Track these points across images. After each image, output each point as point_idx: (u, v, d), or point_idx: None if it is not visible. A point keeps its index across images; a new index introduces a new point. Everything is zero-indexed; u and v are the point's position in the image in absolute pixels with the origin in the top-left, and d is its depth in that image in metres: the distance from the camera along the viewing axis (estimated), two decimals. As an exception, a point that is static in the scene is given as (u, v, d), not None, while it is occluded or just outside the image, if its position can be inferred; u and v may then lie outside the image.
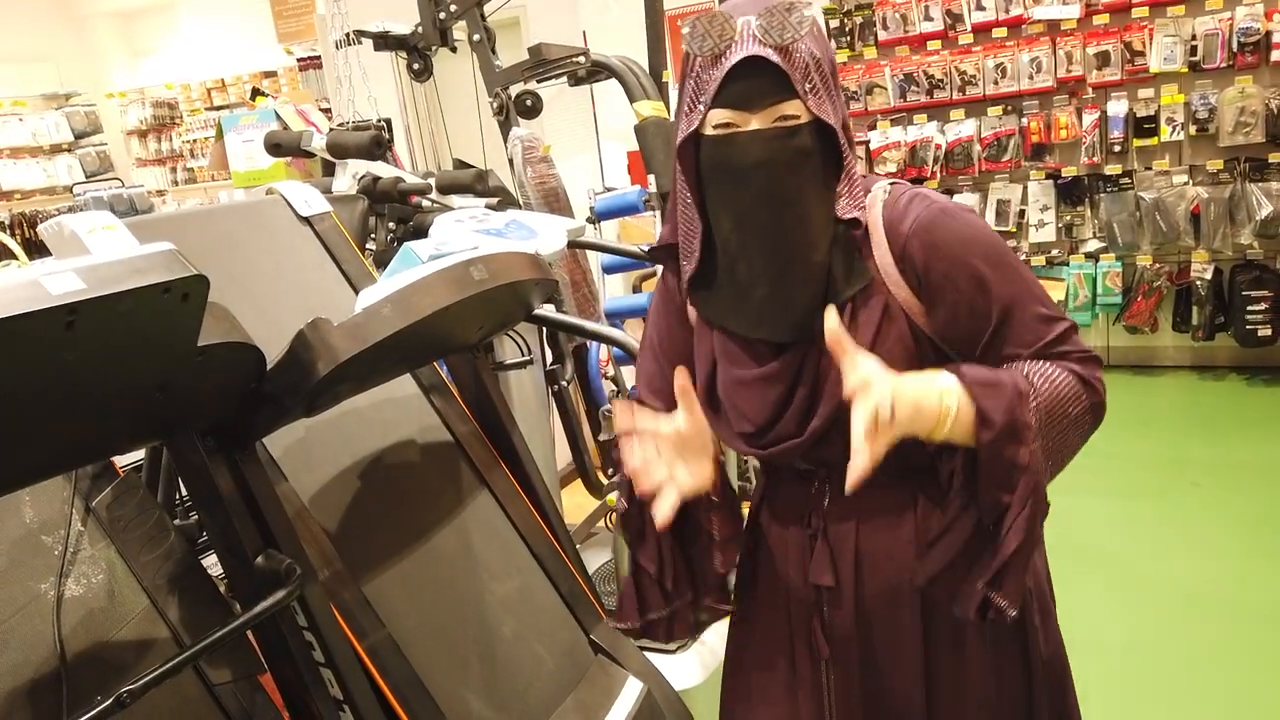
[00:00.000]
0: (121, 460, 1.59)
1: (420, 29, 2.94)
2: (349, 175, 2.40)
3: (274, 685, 1.57)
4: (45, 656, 1.32)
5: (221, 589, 1.58)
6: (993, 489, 1.06)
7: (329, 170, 2.76)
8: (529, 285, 1.79)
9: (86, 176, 10.06)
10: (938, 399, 1.04)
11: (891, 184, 1.17)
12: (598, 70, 2.88)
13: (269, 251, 1.93)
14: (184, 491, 1.74)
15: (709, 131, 1.09)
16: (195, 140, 10.03)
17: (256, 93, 4.75)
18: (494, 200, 2.66)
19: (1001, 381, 1.06)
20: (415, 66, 2.99)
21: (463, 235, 1.93)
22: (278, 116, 3.33)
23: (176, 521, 1.61)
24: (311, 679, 1.51)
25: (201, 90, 9.94)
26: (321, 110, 4.47)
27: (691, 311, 1.27)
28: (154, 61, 10.39)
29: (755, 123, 1.07)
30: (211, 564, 1.63)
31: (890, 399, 1.00)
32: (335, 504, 1.75)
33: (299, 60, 6.74)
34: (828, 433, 1.13)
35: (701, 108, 1.09)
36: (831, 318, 1.04)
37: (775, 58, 1.04)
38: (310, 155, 2.53)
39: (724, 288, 1.17)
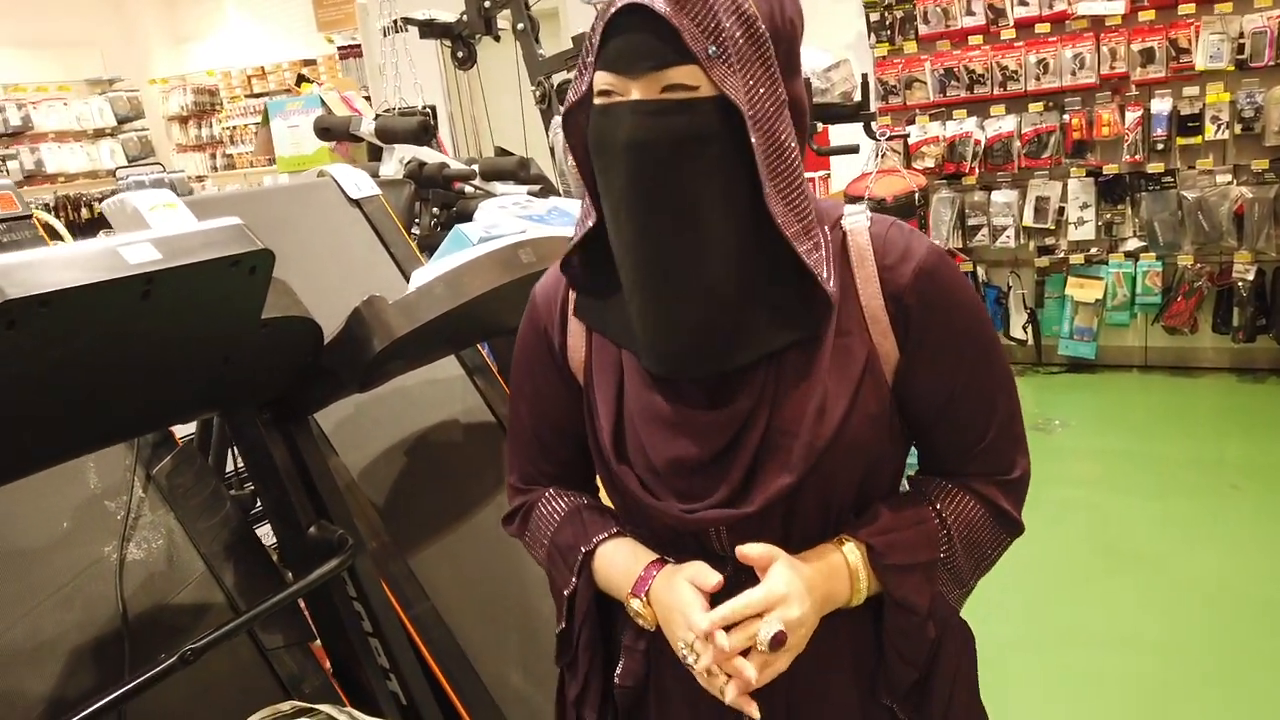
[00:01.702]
0: (179, 431, 1.64)
1: (465, 17, 2.98)
2: (395, 160, 2.45)
3: (322, 653, 1.62)
4: (109, 616, 1.37)
5: (273, 559, 1.63)
6: (901, 662, 0.96)
7: (374, 155, 2.80)
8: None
9: (128, 161, 10.22)
10: (846, 590, 0.92)
11: (866, 213, 0.97)
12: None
13: (320, 232, 1.97)
14: (235, 463, 1.79)
15: (595, 100, 0.88)
16: (235, 127, 10.17)
17: (302, 79, 4.82)
18: (536, 187, 2.69)
19: (912, 562, 0.93)
20: (460, 54, 3.02)
21: (510, 220, 1.96)
22: (323, 102, 3.39)
23: (231, 491, 1.66)
24: (361, 647, 1.55)
25: (242, 77, 10.07)
26: (364, 98, 4.53)
27: (575, 343, 1.02)
28: (196, 48, 10.54)
29: (636, 91, 0.84)
30: (263, 534, 1.67)
31: (793, 627, 0.86)
32: (382, 479, 1.79)
33: (339, 49, 6.81)
34: (769, 509, 0.90)
35: (589, 70, 0.88)
36: (757, 549, 0.88)
37: (664, 8, 0.81)
38: (359, 140, 2.58)
39: (612, 295, 0.95)
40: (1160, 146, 4.52)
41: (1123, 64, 4.52)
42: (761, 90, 0.85)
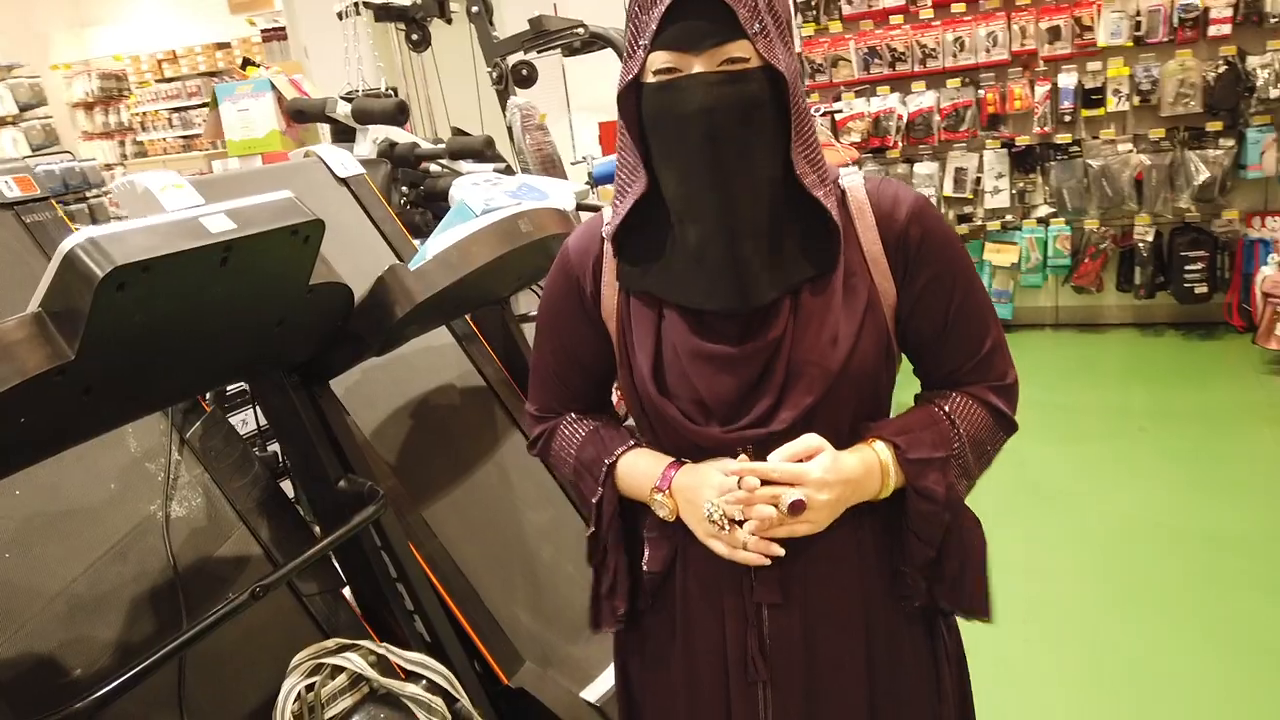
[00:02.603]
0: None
1: (420, 1, 3.06)
2: (370, 141, 2.53)
3: (352, 599, 1.74)
4: (161, 568, 1.47)
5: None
6: (918, 542, 1.10)
7: (339, 137, 2.87)
8: (558, 240, 1.96)
9: (32, 150, 9.83)
10: (876, 483, 1.07)
11: (858, 171, 1.12)
12: (593, 41, 3.02)
13: (315, 209, 2.06)
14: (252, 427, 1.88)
15: (650, 79, 1.00)
16: (146, 113, 9.88)
17: (247, 62, 4.79)
18: (501, 165, 2.80)
19: (932, 453, 1.08)
20: (414, 37, 3.10)
21: (499, 194, 2.08)
22: (272, 85, 3.42)
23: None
24: (390, 591, 1.67)
25: (152, 62, 9.78)
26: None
27: (609, 293, 1.14)
28: (101, 32, 10.18)
29: (698, 65, 0.97)
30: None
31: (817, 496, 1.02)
32: (392, 438, 1.91)
33: (263, 31, 6.72)
34: (794, 426, 1.05)
35: (641, 51, 0.99)
36: (809, 439, 1.03)
37: None
38: (333, 121, 2.65)
39: (671, 255, 1.07)
40: (1067, 118, 4.84)
41: (1032, 41, 4.82)
42: (788, 59, 1.00)
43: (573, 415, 1.24)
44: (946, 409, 1.11)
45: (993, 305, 1.15)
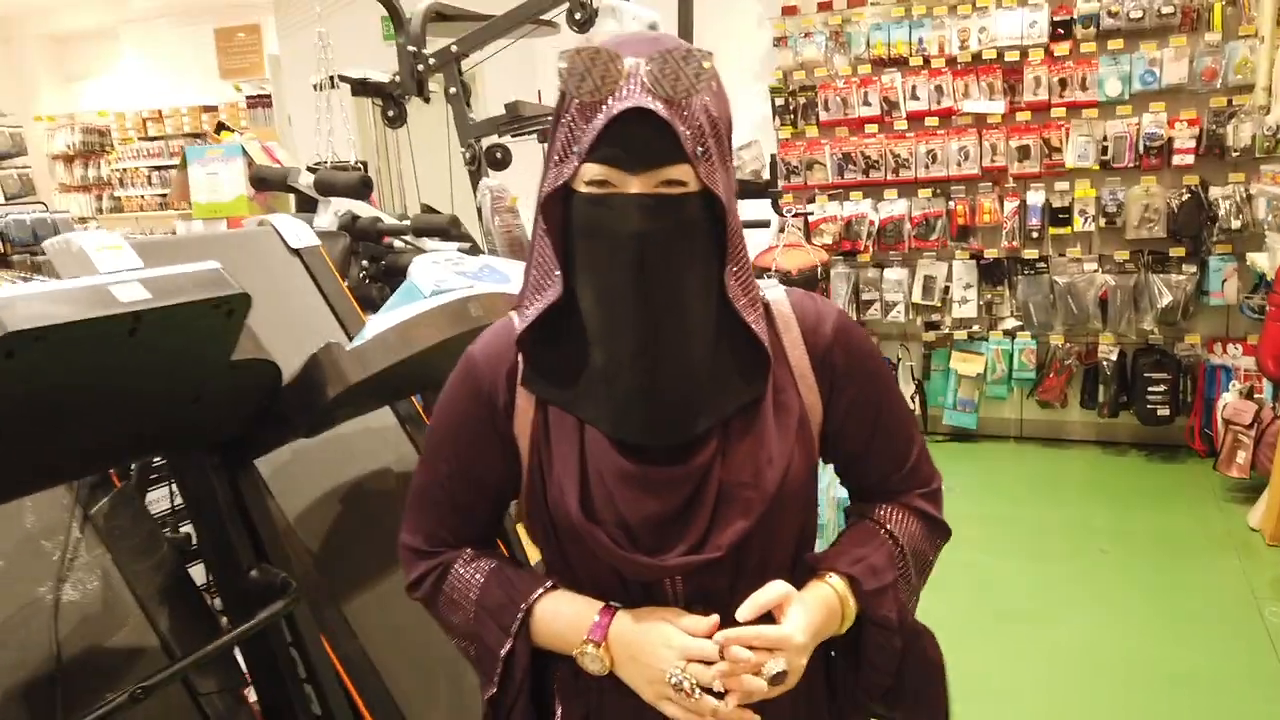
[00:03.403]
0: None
1: (398, 78, 3.05)
2: (331, 212, 2.48)
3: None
4: (43, 658, 1.35)
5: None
6: (875, 674, 1.06)
7: (302, 207, 2.82)
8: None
9: (6, 198, 9.75)
10: (837, 621, 1.02)
11: (778, 284, 1.10)
12: (568, 129, 3.02)
13: (261, 279, 1.98)
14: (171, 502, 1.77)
15: (581, 188, 0.94)
16: (126, 169, 9.86)
17: (222, 126, 4.78)
18: (466, 245, 2.75)
19: (885, 583, 1.04)
20: (390, 113, 3.09)
21: (452, 275, 2.02)
22: (244, 151, 3.39)
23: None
24: (295, 693, 1.55)
25: (136, 120, 9.81)
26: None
27: (524, 406, 1.05)
28: (88, 87, 10.23)
29: (635, 186, 0.92)
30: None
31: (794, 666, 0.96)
32: (318, 525, 1.80)
33: (248, 98, 6.76)
34: (730, 553, 0.99)
35: (574, 159, 0.93)
36: (779, 587, 0.98)
37: (665, 113, 0.89)
38: (294, 191, 2.61)
39: (580, 370, 1.01)
40: (1035, 235, 4.92)
41: (1002, 158, 4.92)
42: (726, 181, 0.96)
43: (469, 552, 1.11)
44: (888, 527, 1.09)
45: (911, 413, 1.17)
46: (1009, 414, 5.31)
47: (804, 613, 0.98)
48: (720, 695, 0.95)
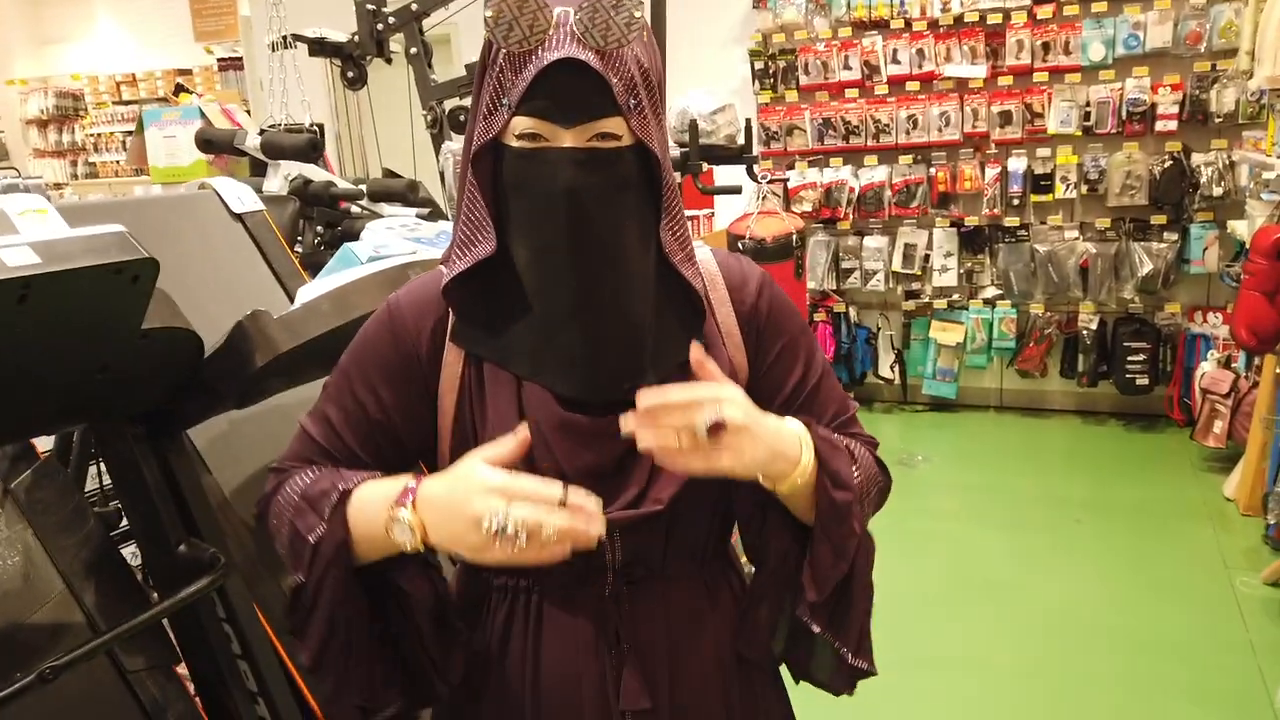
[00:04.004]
0: (39, 444, 1.57)
1: (357, 38, 2.97)
2: (280, 176, 2.41)
3: (188, 675, 1.57)
4: (-44, 637, 1.29)
5: (138, 579, 1.57)
6: (831, 555, 0.96)
7: (257, 170, 2.75)
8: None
9: (-21, 164, 9.61)
10: (796, 446, 0.93)
11: (704, 244, 1.07)
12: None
13: (200, 245, 1.92)
14: (101, 478, 1.72)
15: (512, 142, 0.91)
16: (100, 134, 9.70)
17: (180, 89, 4.67)
18: (424, 210, 2.69)
19: (839, 445, 0.98)
20: (350, 75, 3.01)
21: (399, 240, 1.96)
22: (202, 114, 3.30)
23: (95, 509, 1.59)
24: (228, 670, 1.51)
25: (110, 84, 9.63)
26: (244, 111, 4.42)
27: (451, 360, 1.01)
28: (62, 51, 10.02)
29: (568, 139, 0.89)
30: (129, 554, 1.61)
31: (736, 416, 0.86)
32: (256, 498, 1.75)
33: (219, 60, 6.62)
34: (670, 504, 0.95)
35: (504, 111, 0.90)
36: (696, 350, 0.91)
37: (597, 64, 0.87)
38: (242, 154, 2.53)
39: (518, 325, 0.97)
40: (1016, 202, 4.86)
41: (983, 124, 4.85)
42: (659, 134, 0.94)
43: (319, 466, 1.03)
44: (845, 443, 1.01)
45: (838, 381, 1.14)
46: (989, 383, 5.28)
47: (738, 391, 0.90)
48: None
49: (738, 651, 1.06)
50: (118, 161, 9.61)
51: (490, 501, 0.84)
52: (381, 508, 0.91)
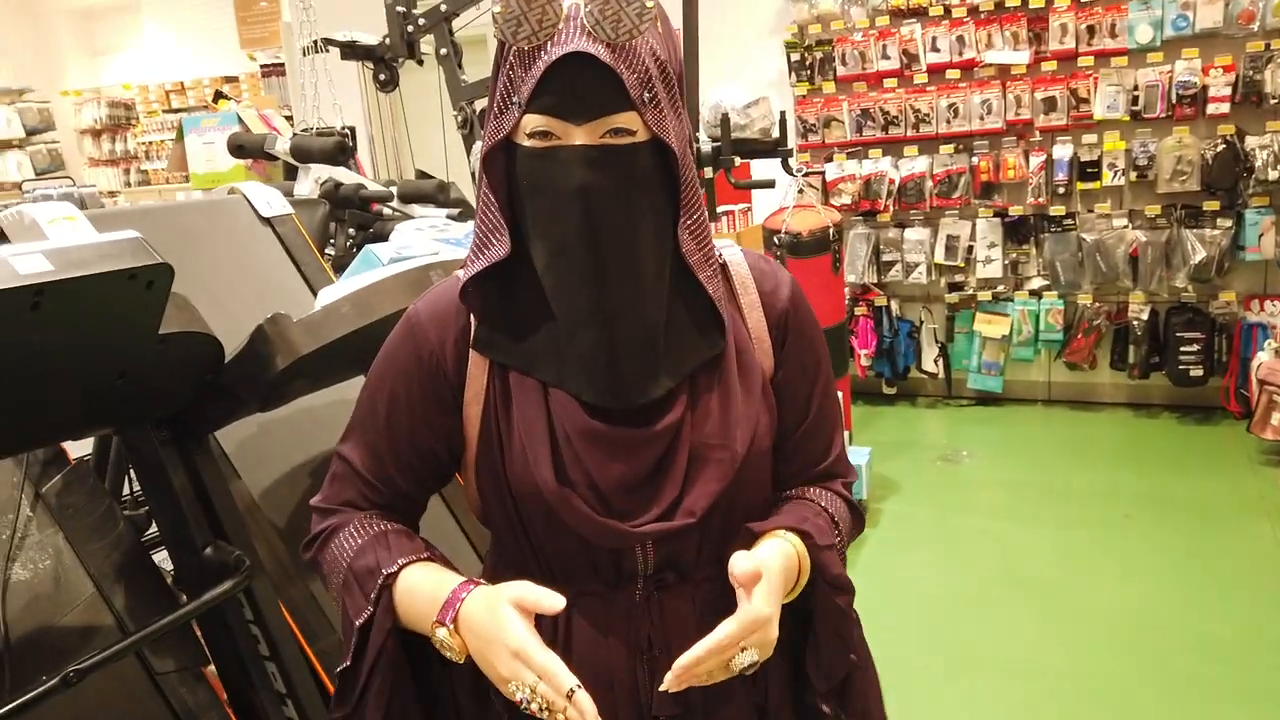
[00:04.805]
0: (73, 449, 1.59)
1: (388, 40, 2.98)
2: (311, 180, 2.43)
3: (217, 678, 1.58)
4: (-12, 639, 1.31)
5: (168, 583, 1.59)
6: (836, 647, 1.01)
7: (290, 175, 2.78)
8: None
9: (36, 174, 9.86)
10: (794, 574, 0.97)
11: (735, 245, 1.07)
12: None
13: (229, 250, 1.94)
14: (134, 482, 1.74)
15: (523, 141, 0.89)
16: (151, 142, 9.91)
17: (219, 95, 4.75)
18: (455, 211, 2.69)
19: (831, 539, 1.00)
20: (381, 77, 3.02)
21: (423, 242, 1.96)
22: (240, 120, 3.34)
23: (126, 512, 1.62)
24: (256, 672, 1.52)
25: (160, 92, 9.83)
26: (284, 117, 4.47)
27: (476, 372, 1.00)
28: (112, 61, 10.26)
29: (580, 136, 0.87)
30: (161, 559, 1.63)
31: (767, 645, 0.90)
32: (286, 502, 1.76)
33: (262, 67, 6.72)
34: (703, 517, 0.95)
35: (514, 110, 0.88)
36: (746, 560, 0.90)
37: (607, 57, 0.84)
38: (273, 158, 2.55)
39: (536, 331, 0.96)
40: (1062, 190, 4.74)
41: (1027, 111, 4.74)
42: (677, 128, 0.91)
43: (366, 515, 1.04)
44: (821, 504, 1.05)
45: (839, 404, 1.12)
46: (1036, 376, 5.17)
47: (768, 579, 0.92)
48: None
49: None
50: (166, 169, 9.81)
51: (515, 668, 0.85)
52: (426, 612, 0.92)
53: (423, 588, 0.94)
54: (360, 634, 0.95)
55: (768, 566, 0.92)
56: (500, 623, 0.87)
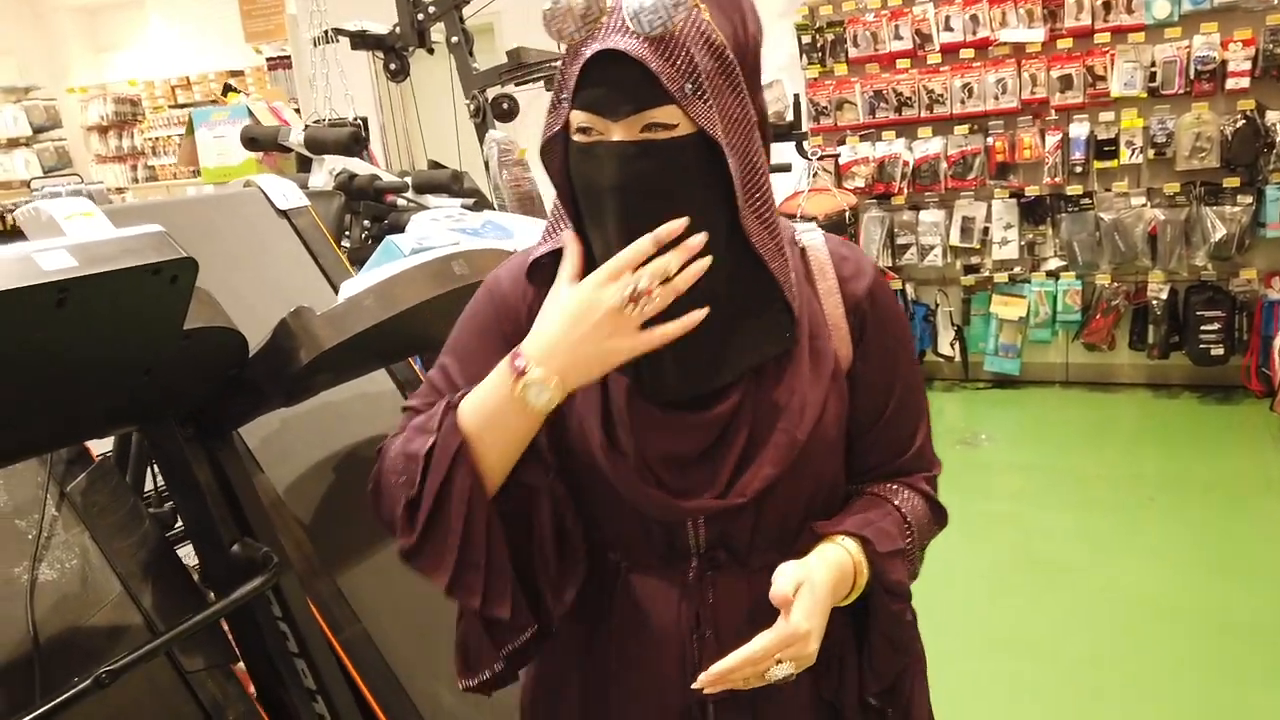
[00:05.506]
0: (94, 446, 1.58)
1: (398, 29, 2.95)
2: (325, 171, 2.41)
3: (246, 675, 1.57)
4: (18, 639, 1.31)
5: (195, 579, 1.58)
6: (888, 651, 1.01)
7: (303, 167, 2.76)
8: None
9: (44, 171, 9.87)
10: (850, 581, 0.95)
11: (816, 229, 1.05)
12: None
13: (246, 243, 1.92)
14: (156, 479, 1.73)
15: (574, 135, 0.89)
16: (158, 138, 9.90)
17: (228, 89, 4.72)
18: (469, 201, 2.67)
19: (895, 541, 0.98)
20: (392, 66, 2.99)
21: (441, 232, 1.94)
22: (250, 113, 3.32)
23: (151, 510, 1.60)
24: (286, 669, 1.51)
25: (166, 88, 9.81)
26: (292, 109, 4.45)
27: None
28: (117, 57, 10.25)
29: (618, 132, 0.86)
30: (186, 554, 1.62)
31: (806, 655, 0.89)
32: (311, 497, 1.74)
33: (268, 60, 6.69)
34: (756, 499, 0.95)
35: (564, 106, 0.88)
36: (785, 583, 0.89)
37: (639, 52, 0.82)
38: (287, 151, 2.53)
39: None
40: (1079, 169, 4.69)
41: (1042, 89, 4.68)
42: (735, 115, 0.88)
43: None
44: (894, 501, 1.02)
45: (924, 390, 1.09)
46: (1054, 358, 5.12)
47: (810, 593, 0.90)
48: None
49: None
50: (174, 164, 9.81)
51: (611, 286, 0.86)
52: (502, 391, 0.90)
53: (482, 387, 0.92)
54: (425, 460, 0.92)
55: (813, 581, 0.91)
56: (576, 292, 0.89)
